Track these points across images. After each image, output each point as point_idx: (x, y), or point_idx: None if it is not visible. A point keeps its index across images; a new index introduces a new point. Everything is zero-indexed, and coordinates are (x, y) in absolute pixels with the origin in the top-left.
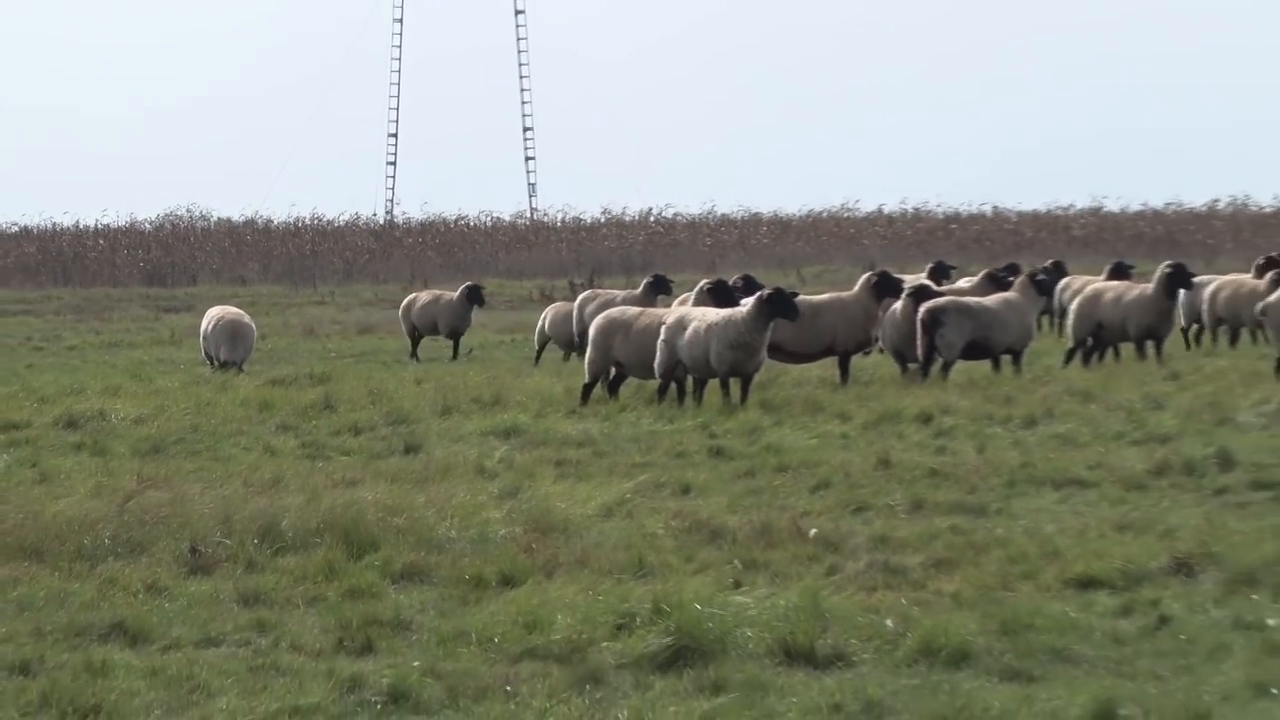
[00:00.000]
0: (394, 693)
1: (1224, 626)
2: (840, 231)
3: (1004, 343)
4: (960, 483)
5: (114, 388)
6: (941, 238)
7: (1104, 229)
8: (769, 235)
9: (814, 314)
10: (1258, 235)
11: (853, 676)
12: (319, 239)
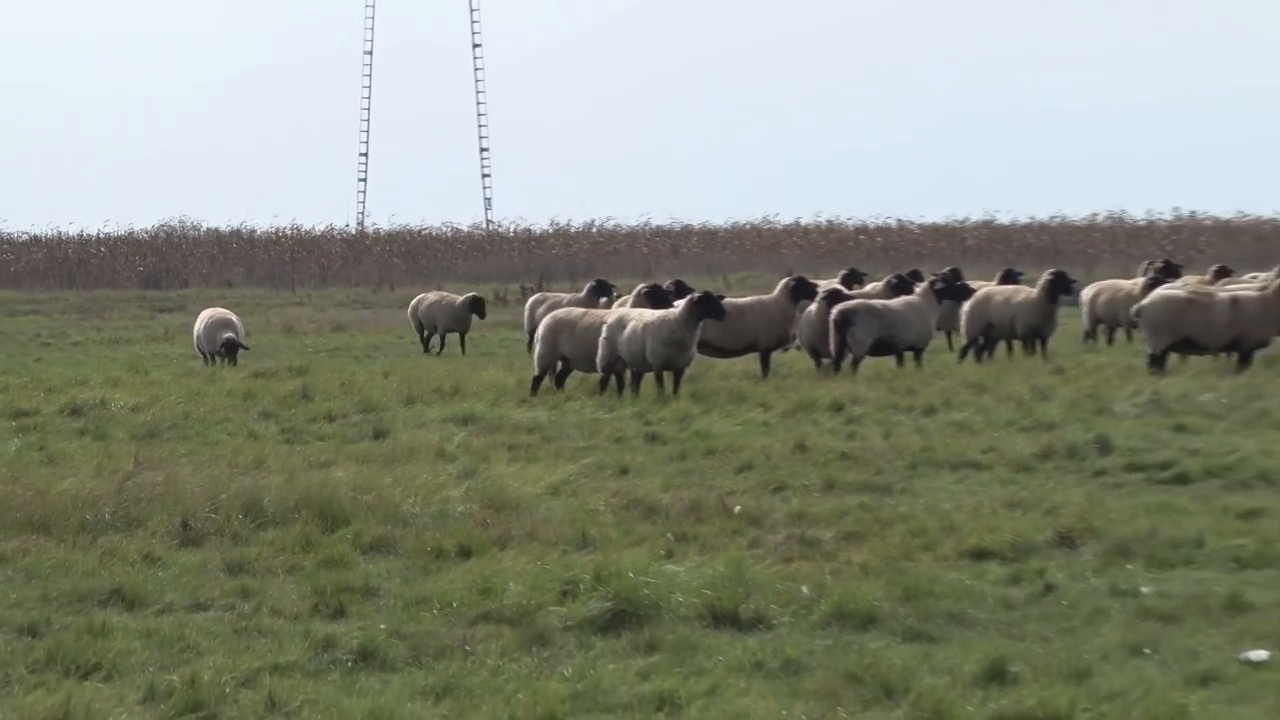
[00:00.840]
0: (363, 652)
1: (1102, 593)
2: (761, 241)
3: (907, 341)
4: (868, 465)
5: (114, 379)
6: (852, 247)
7: (995, 240)
8: (698, 245)
9: (738, 315)
10: (1132, 245)
11: (772, 638)
12: (297, 247)
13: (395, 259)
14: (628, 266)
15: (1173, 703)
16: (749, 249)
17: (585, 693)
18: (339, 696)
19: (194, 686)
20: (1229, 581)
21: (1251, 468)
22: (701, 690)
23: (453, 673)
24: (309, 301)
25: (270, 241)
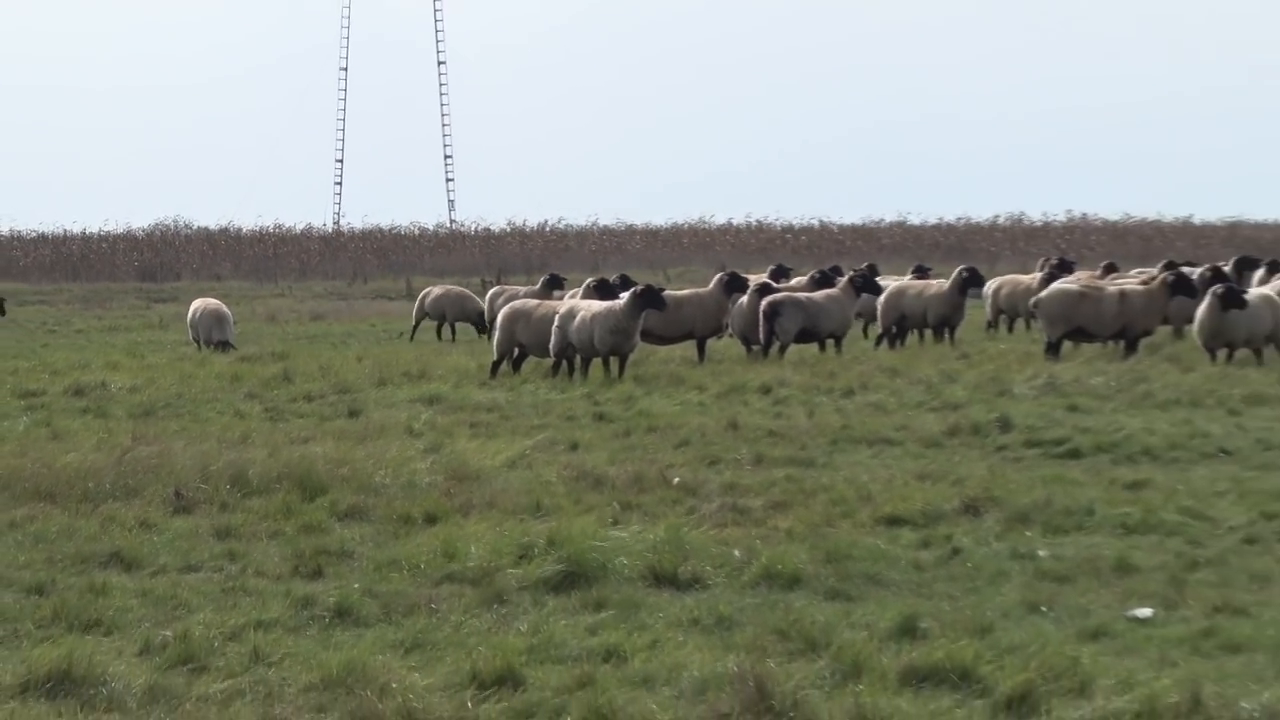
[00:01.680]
0: (339, 609)
1: (1003, 557)
2: (697, 240)
3: (828, 329)
4: (793, 441)
5: (113, 363)
6: (778, 245)
7: (907, 239)
8: (641, 242)
9: (677, 306)
10: (1030, 244)
11: (707, 596)
12: (279, 244)
13: (368, 255)
14: (577, 262)
15: (1066, 655)
16: (686, 246)
17: (539, 646)
18: (317, 649)
19: (186, 640)
20: (1117, 546)
21: (1137, 444)
22: (644, 644)
23: (420, 628)
24: (290, 293)
25: (255, 239)
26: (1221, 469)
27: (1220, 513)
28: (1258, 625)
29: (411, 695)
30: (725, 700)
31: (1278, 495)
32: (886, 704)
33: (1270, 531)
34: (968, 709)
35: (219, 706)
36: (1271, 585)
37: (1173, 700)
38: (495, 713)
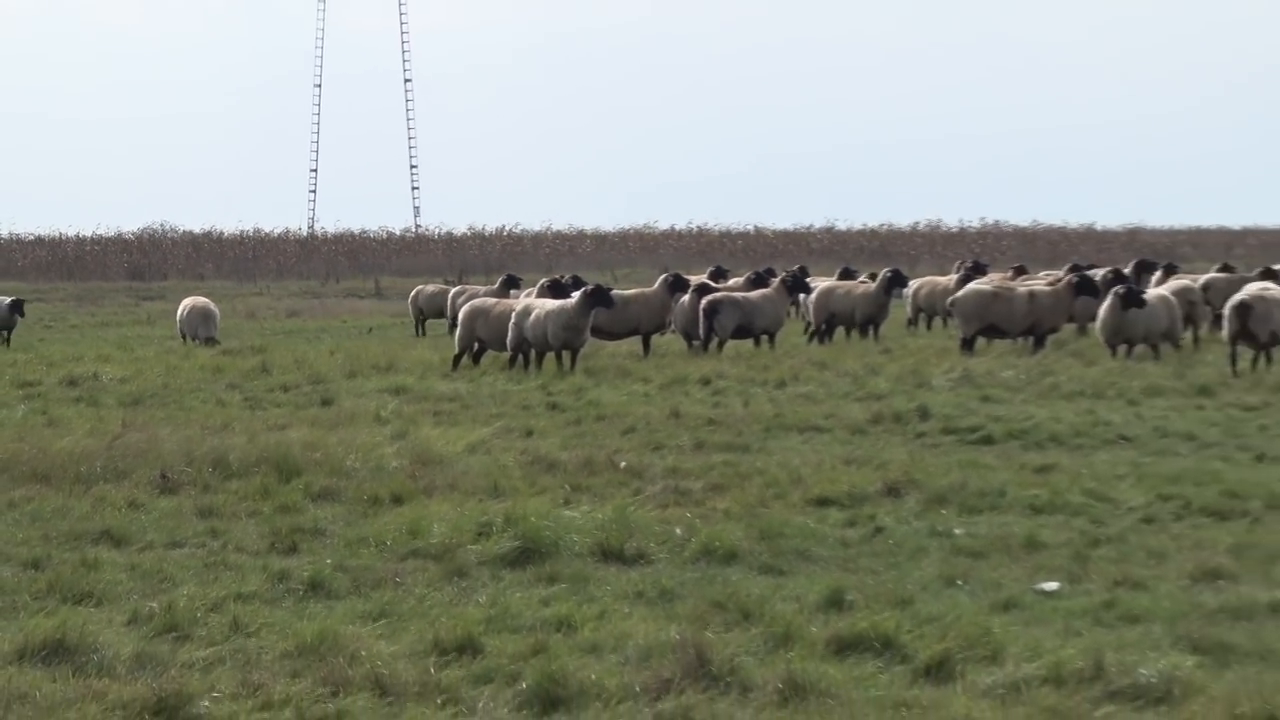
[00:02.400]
0: (312, 583)
1: (922, 534)
2: (643, 244)
3: (762, 326)
4: (730, 428)
5: (105, 356)
6: (717, 248)
7: (835, 243)
8: (591, 246)
9: (624, 304)
10: (947, 248)
11: (651, 571)
12: (258, 246)
13: (340, 257)
14: (533, 264)
15: (980, 625)
16: (632, 250)
17: (497, 617)
18: (292, 620)
19: (171, 611)
20: (1026, 525)
21: (1044, 431)
22: (593, 614)
23: (386, 600)
24: (267, 292)
25: (235, 242)
26: (1122, 454)
27: (1120, 494)
28: (1154, 598)
29: (379, 662)
30: (667, 666)
31: (1173, 478)
32: (815, 670)
33: (1166, 512)
34: (890, 675)
35: (201, 672)
36: (1167, 561)
37: (1077, 667)
38: (456, 678)
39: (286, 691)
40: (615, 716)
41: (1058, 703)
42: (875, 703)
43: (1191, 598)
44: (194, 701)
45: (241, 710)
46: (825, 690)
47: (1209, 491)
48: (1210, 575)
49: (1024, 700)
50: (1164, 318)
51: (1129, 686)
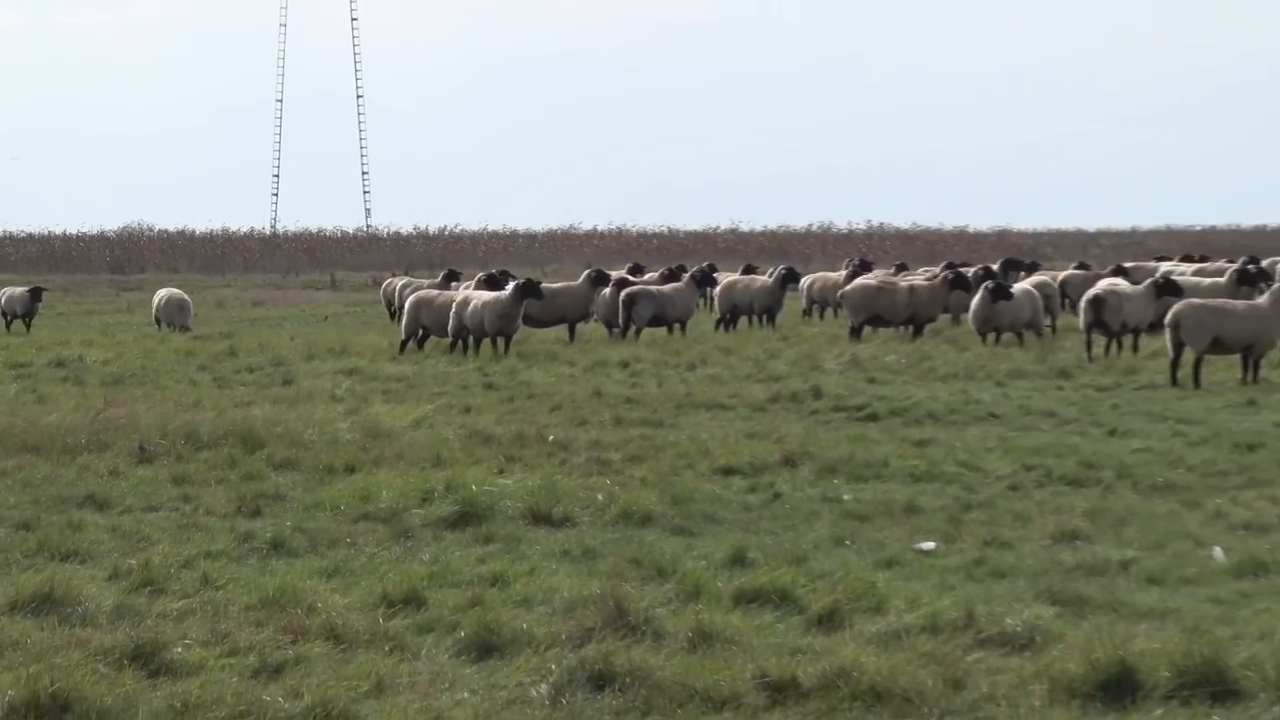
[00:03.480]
0: (274, 542)
1: (815, 500)
2: (569, 242)
3: (675, 316)
4: (646, 406)
5: (89, 340)
6: (634, 247)
7: (738, 243)
8: (522, 244)
9: (553, 296)
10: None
11: (576, 532)
12: (226, 244)
13: (299, 253)
14: (471, 260)
15: (865, 580)
16: (559, 247)
17: (439, 573)
18: (256, 575)
19: (147, 568)
20: (906, 492)
21: (922, 409)
22: (524, 570)
23: (340, 558)
24: (235, 284)
25: (206, 239)
26: (990, 430)
27: (989, 465)
28: (1019, 556)
29: (333, 613)
30: (590, 617)
31: (1036, 451)
32: (721, 620)
33: (1029, 480)
34: (786, 624)
35: (174, 622)
36: (1030, 524)
37: (951, 617)
38: (402, 627)
39: (251, 639)
40: (543, 662)
41: (934, 649)
42: (774, 649)
43: (1052, 556)
44: (168, 648)
45: (210, 656)
46: (730, 638)
47: (1067, 462)
48: (1068, 536)
49: (904, 646)
50: (1027, 309)
51: (997, 634)
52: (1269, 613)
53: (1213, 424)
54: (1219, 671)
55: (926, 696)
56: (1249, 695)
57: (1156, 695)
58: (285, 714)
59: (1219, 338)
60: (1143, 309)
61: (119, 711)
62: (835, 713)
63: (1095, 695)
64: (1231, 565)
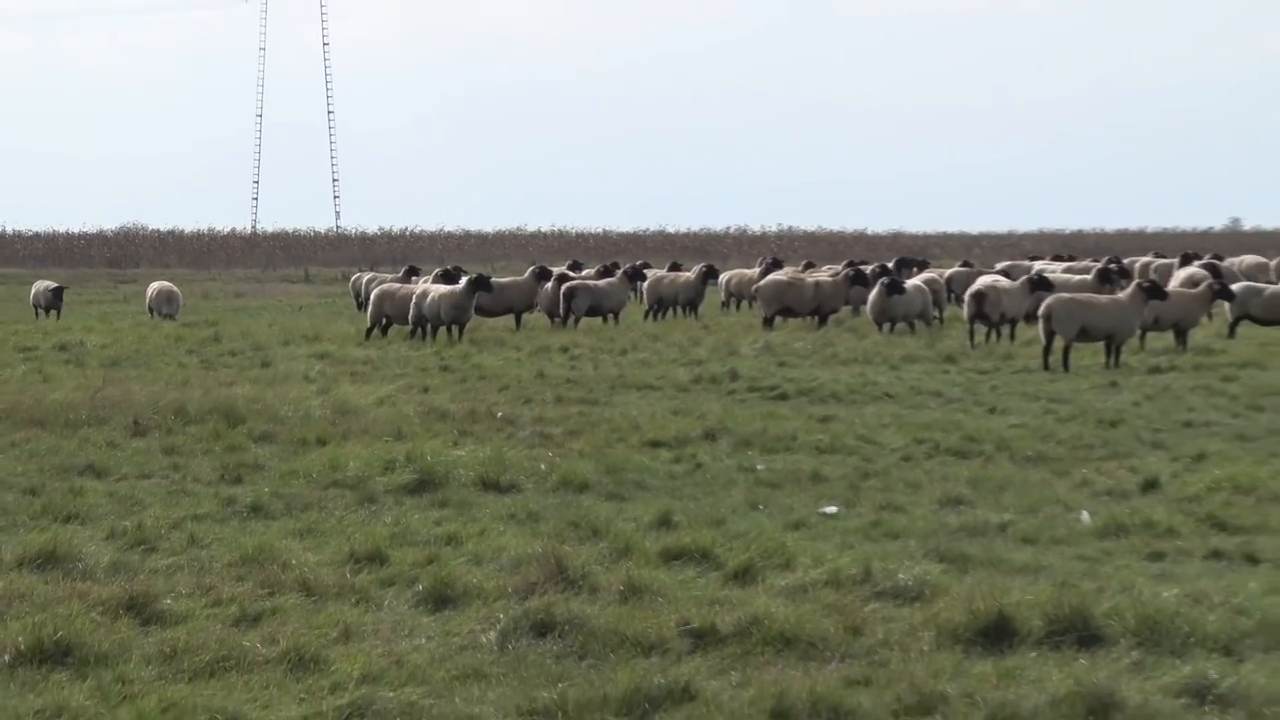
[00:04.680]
0: (254, 506)
1: (732, 469)
2: (516, 242)
3: (609, 308)
4: (584, 386)
5: (89, 327)
6: (574, 246)
7: (666, 243)
8: (475, 243)
9: (501, 290)
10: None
11: (521, 497)
12: (211, 242)
13: (277, 250)
14: (430, 257)
15: (776, 540)
16: (507, 246)
17: (399, 533)
18: (237, 535)
19: (140, 529)
20: (812, 462)
21: (826, 390)
22: (475, 531)
23: (312, 520)
24: (219, 278)
25: (194, 238)
26: (885, 408)
27: (885, 439)
28: (911, 519)
29: (305, 568)
30: (533, 572)
31: (925, 426)
32: (649, 575)
33: (920, 452)
34: (706, 578)
35: (164, 577)
36: (920, 491)
37: (851, 572)
38: (367, 581)
39: (232, 592)
40: (492, 612)
41: (836, 600)
42: (695, 600)
43: (939, 519)
44: (159, 600)
45: (196, 606)
46: (657, 590)
47: (953, 437)
48: (953, 501)
49: (810, 598)
50: (919, 302)
51: (891, 587)
52: (1129, 568)
53: (1079, 403)
54: (1085, 620)
55: (829, 642)
56: (1111, 641)
57: (1030, 641)
58: (263, 658)
59: (1085, 327)
60: (1019, 302)
61: (115, 655)
62: (749, 656)
63: (976, 641)
64: (1096, 527)
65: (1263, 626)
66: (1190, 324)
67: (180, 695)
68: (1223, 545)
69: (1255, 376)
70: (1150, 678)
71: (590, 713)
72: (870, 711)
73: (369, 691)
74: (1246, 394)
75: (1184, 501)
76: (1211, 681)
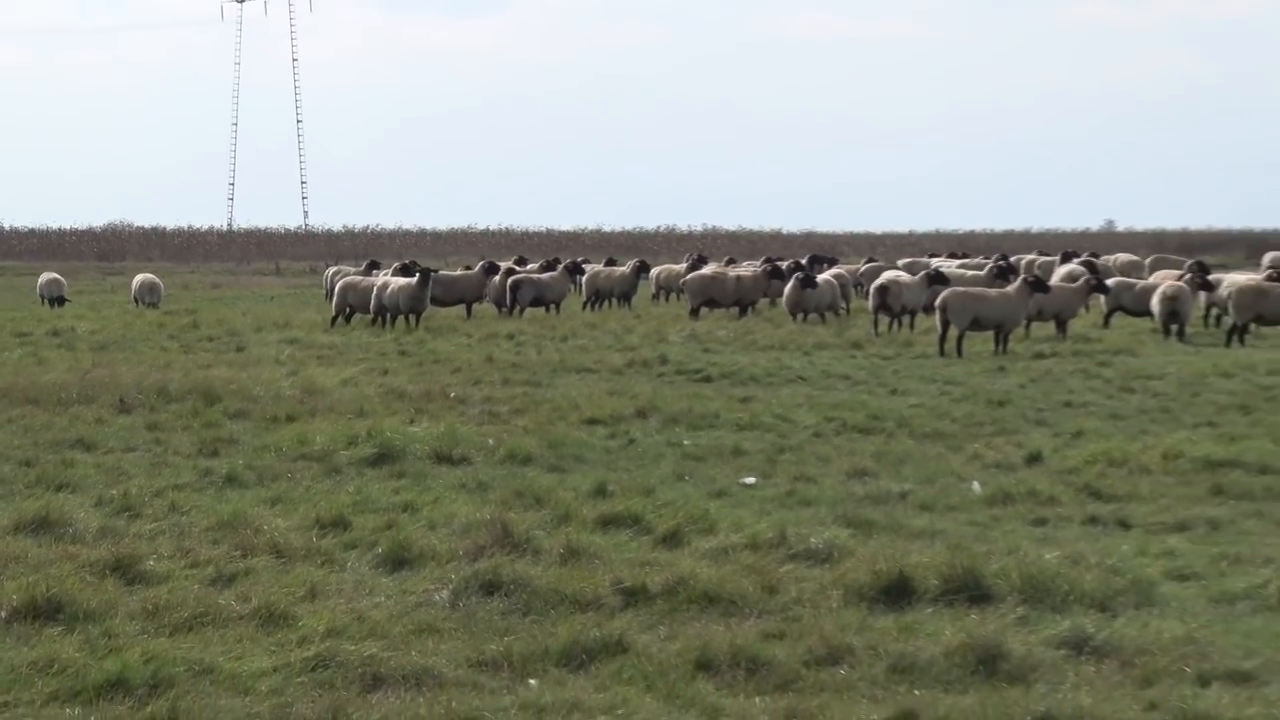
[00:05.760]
0: (229, 477)
1: (661, 444)
2: (467, 239)
3: (551, 299)
4: (529, 369)
5: (79, 315)
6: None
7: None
8: (430, 240)
9: (452, 282)
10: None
11: (472, 469)
12: (191, 238)
13: (250, 246)
14: (389, 253)
15: (701, 507)
16: (459, 243)
17: (361, 501)
18: (213, 503)
19: (126, 497)
20: (733, 438)
21: (746, 373)
22: (429, 500)
23: (282, 489)
24: (198, 271)
25: (175, 234)
26: (799, 389)
27: (798, 417)
28: (821, 489)
29: (276, 533)
30: (482, 537)
31: (834, 406)
32: (586, 539)
33: (830, 429)
34: (638, 542)
35: (147, 540)
36: (830, 463)
37: (768, 537)
38: (331, 545)
39: (209, 554)
40: (445, 572)
41: (754, 562)
42: (628, 562)
43: (846, 489)
44: (142, 561)
45: (176, 567)
46: (593, 553)
47: (859, 415)
48: (859, 473)
49: (731, 560)
50: (829, 295)
51: (803, 550)
52: (1015, 533)
53: (971, 385)
54: (976, 579)
55: (748, 600)
56: (999, 598)
57: (927, 598)
58: (236, 614)
59: (977, 318)
60: (918, 295)
61: (102, 612)
62: (676, 613)
63: (879, 599)
64: (986, 496)
65: (1134, 585)
66: (1070, 315)
67: (161, 648)
68: (1098, 512)
69: (1127, 362)
70: (1034, 631)
71: (533, 663)
72: (784, 662)
73: (333, 645)
74: (1119, 377)
75: (1064, 473)
76: (1088, 634)
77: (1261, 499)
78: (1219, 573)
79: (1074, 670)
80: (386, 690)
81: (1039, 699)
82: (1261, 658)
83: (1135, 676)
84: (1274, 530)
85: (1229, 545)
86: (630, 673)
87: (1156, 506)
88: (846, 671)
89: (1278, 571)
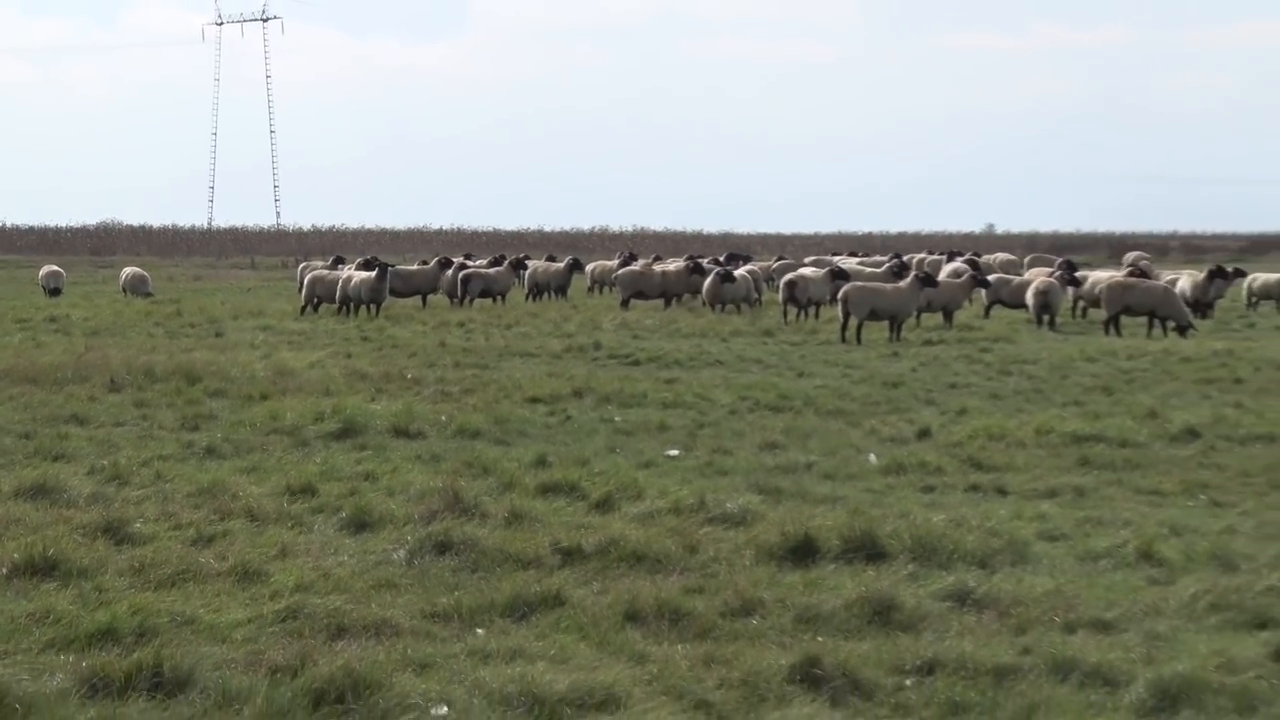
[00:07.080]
0: (208, 449)
1: (595, 420)
2: (423, 238)
3: (497, 291)
4: (478, 354)
5: (74, 304)
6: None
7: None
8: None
9: (410, 276)
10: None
11: (426, 443)
12: (175, 236)
13: (228, 243)
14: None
15: (630, 476)
16: (416, 242)
17: (327, 471)
18: (194, 472)
19: (115, 466)
20: (660, 415)
21: (670, 358)
22: (389, 469)
23: (256, 460)
24: (181, 265)
25: (160, 232)
26: (717, 372)
27: (716, 397)
28: (737, 460)
29: (250, 499)
30: (436, 502)
31: (748, 386)
32: (529, 504)
33: (744, 407)
34: (574, 507)
35: (135, 505)
36: (744, 438)
37: (689, 502)
38: (300, 509)
39: (191, 518)
40: (401, 534)
41: (677, 524)
42: (565, 525)
43: (759, 460)
44: (130, 524)
45: (161, 529)
46: (534, 517)
47: (770, 395)
48: (770, 446)
49: (656, 523)
50: (745, 288)
51: (720, 514)
52: (906, 499)
53: (869, 369)
54: (873, 540)
55: (671, 558)
56: (893, 556)
57: (829, 557)
58: (215, 571)
59: (874, 309)
60: (822, 289)
61: (93, 569)
62: (608, 570)
63: (787, 557)
64: (881, 466)
65: (1010, 544)
66: (955, 307)
67: (147, 601)
68: (979, 480)
69: (1005, 348)
70: (923, 585)
71: (480, 615)
72: (703, 613)
73: (301, 598)
74: (998, 362)
75: (950, 446)
76: (970, 588)
77: (1122, 469)
78: (1084, 534)
79: (958, 620)
80: (349, 639)
81: (927, 645)
82: (1121, 608)
83: (1011, 625)
84: (1133, 497)
85: (1093, 510)
86: (567, 623)
87: (1030, 476)
88: (758, 621)
89: (1135, 533)
